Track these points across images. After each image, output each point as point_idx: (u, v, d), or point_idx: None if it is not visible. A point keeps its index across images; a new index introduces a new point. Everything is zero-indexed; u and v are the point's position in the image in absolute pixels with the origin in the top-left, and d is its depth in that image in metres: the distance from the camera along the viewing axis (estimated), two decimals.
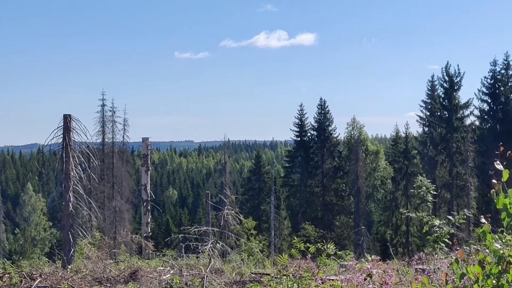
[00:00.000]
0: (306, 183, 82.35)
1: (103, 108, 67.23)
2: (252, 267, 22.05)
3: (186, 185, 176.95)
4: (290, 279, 11.14)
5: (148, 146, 42.02)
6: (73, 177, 24.58)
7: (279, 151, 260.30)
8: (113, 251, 27.66)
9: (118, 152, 67.98)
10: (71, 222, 24.72)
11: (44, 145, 24.45)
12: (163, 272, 17.32)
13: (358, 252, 52.59)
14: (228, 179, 66.32)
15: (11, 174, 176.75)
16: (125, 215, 65.09)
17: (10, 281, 16.81)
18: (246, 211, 74.68)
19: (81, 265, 19.12)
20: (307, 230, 66.45)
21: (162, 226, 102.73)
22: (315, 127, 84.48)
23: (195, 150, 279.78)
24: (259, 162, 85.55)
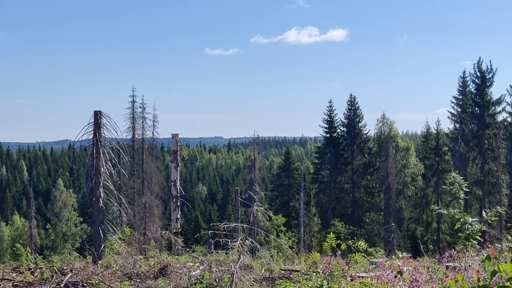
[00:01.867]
0: (335, 179, 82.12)
1: (133, 105, 67.54)
2: (281, 263, 22.00)
3: (215, 181, 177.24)
4: (320, 276, 11.07)
5: (178, 142, 42.11)
6: (103, 173, 24.69)
7: (309, 148, 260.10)
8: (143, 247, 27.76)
9: (148, 148, 68.19)
10: (102, 218, 24.84)
11: (75, 141, 24.57)
12: (193, 268, 17.32)
13: (388, 249, 52.38)
14: (258, 176, 66.32)
15: (42, 170, 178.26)
16: (154, 211, 65.29)
17: (42, 276, 16.92)
18: (276, 207, 74.66)
19: (111, 261, 19.20)
20: (336, 227, 66.21)
21: (192, 222, 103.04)
22: (345, 124, 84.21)
23: (225, 146, 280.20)
24: (288, 158, 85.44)
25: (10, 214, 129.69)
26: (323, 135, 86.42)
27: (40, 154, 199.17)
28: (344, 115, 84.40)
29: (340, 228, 66.22)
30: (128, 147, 53.91)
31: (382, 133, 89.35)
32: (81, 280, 15.19)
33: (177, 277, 15.61)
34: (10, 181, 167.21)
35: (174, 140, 41.91)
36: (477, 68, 75.28)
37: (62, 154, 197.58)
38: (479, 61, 75.40)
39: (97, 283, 14.39)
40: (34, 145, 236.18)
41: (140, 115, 67.58)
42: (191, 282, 14.20)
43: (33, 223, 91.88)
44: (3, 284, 15.97)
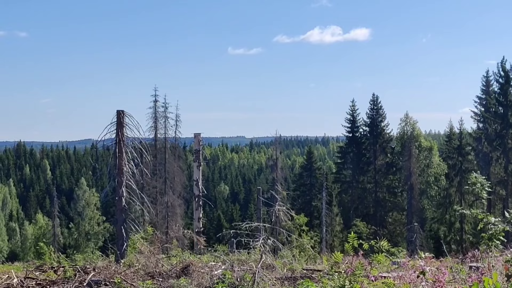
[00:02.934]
0: (358, 179, 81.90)
1: (155, 104, 67.70)
2: (303, 263, 21.98)
3: (237, 180, 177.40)
4: (342, 276, 11.04)
5: (200, 141, 42.17)
6: (126, 172, 24.78)
7: (331, 147, 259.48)
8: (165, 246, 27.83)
9: (170, 148, 68.36)
10: (124, 217, 24.93)
11: (97, 140, 24.67)
12: (215, 267, 17.34)
13: (410, 249, 52.19)
14: (280, 175, 66.28)
15: (65, 169, 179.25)
16: (177, 210, 65.45)
17: (65, 275, 17.01)
18: (298, 207, 74.57)
19: (133, 260, 19.26)
20: (359, 226, 66.03)
21: (214, 221, 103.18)
22: (367, 123, 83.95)
23: (247, 145, 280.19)
24: (310, 158, 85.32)
25: (34, 213, 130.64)
26: (345, 135, 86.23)
27: (63, 154, 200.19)
28: (367, 115, 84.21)
29: (362, 228, 66.03)
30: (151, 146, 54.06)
31: (405, 132, 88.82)
32: (103, 279, 15.26)
33: (199, 276, 15.64)
34: (34, 180, 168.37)
35: (196, 139, 41.98)
36: (501, 67, 74.74)
37: (85, 154, 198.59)
38: (503, 60, 74.89)
39: (120, 282, 14.44)
40: (57, 145, 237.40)
41: (163, 115, 67.80)
42: (213, 282, 14.22)
43: (56, 222, 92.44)
44: (26, 283, 16.08)
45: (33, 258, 75.66)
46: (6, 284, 15.75)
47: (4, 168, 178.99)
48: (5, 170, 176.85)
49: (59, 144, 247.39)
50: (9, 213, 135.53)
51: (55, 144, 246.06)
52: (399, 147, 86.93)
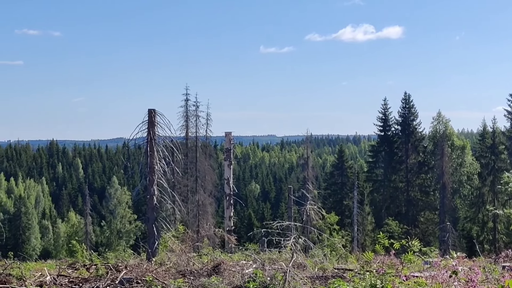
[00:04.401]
0: (389, 178, 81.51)
1: (186, 103, 67.80)
2: (334, 262, 21.90)
3: (268, 179, 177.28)
4: (374, 275, 10.97)
5: (231, 140, 42.20)
6: (157, 170, 24.87)
7: (362, 146, 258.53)
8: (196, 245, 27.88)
9: (201, 146, 68.43)
10: (156, 215, 25.03)
11: (129, 139, 24.80)
12: (246, 266, 17.34)
13: (443, 249, 51.79)
14: (311, 174, 66.08)
15: (97, 167, 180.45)
16: (208, 208, 65.53)
17: (97, 272, 17.12)
18: (329, 206, 74.43)
19: (165, 258, 19.31)
20: (390, 225, 65.70)
21: (245, 220, 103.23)
22: (399, 122, 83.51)
23: (278, 144, 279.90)
24: (342, 156, 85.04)
25: (66, 211, 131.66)
26: (377, 133, 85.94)
27: (95, 152, 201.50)
28: (399, 113, 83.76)
29: (394, 227, 65.70)
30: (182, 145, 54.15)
31: (437, 131, 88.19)
32: (135, 277, 15.32)
33: (230, 274, 15.64)
34: (66, 179, 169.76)
35: (228, 138, 42.03)
36: None
37: (116, 152, 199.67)
38: None
39: (151, 280, 14.49)
40: (90, 143, 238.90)
41: (194, 113, 67.86)
42: (244, 280, 14.21)
43: (89, 220, 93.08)
44: (59, 280, 16.19)
45: (65, 256, 76.30)
46: (39, 281, 15.88)
47: (37, 167, 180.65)
48: (38, 169, 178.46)
49: (91, 142, 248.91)
50: (42, 211, 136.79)
51: (87, 142, 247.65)
52: (431, 146, 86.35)
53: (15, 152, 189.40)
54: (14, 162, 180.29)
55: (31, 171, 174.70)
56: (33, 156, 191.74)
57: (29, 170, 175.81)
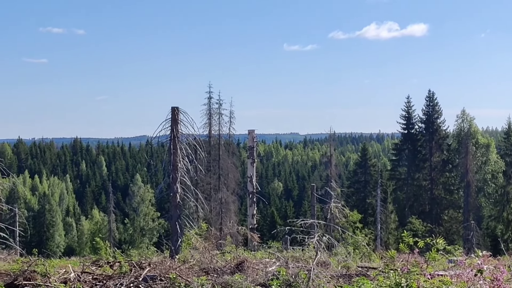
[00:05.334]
0: (413, 176, 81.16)
1: (209, 101, 67.90)
2: (358, 260, 21.82)
3: (291, 177, 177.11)
4: (398, 274, 10.89)
5: (254, 138, 42.18)
6: (180, 168, 24.89)
7: (386, 144, 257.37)
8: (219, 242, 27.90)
9: (224, 144, 68.49)
10: (179, 213, 25.05)
11: (152, 137, 24.86)
12: (269, 263, 17.30)
13: (467, 247, 51.51)
14: (334, 172, 65.94)
15: (121, 165, 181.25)
16: (231, 206, 65.58)
17: (120, 270, 17.16)
18: (352, 204, 74.21)
19: (188, 255, 19.32)
20: (414, 224, 65.42)
21: (267, 218, 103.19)
22: (423, 120, 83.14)
23: (301, 142, 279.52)
24: (365, 154, 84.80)
25: (90, 209, 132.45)
26: (400, 131, 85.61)
27: (119, 150, 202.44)
28: (423, 111, 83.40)
29: (417, 225, 65.43)
30: (205, 143, 54.26)
31: (461, 129, 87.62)
32: (159, 274, 15.34)
33: (253, 272, 15.62)
34: (90, 176, 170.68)
35: (251, 136, 42.01)
36: None
37: (140, 150, 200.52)
38: None
39: (175, 277, 14.50)
40: (113, 141, 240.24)
41: (217, 111, 67.94)
42: (267, 278, 14.19)
43: (112, 218, 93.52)
44: (83, 277, 16.25)
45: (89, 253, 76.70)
46: (63, 278, 15.94)
47: (61, 164, 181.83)
48: (62, 166, 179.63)
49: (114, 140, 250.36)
50: (66, 209, 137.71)
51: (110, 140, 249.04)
52: (455, 144, 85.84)
53: (39, 150, 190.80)
54: (38, 160, 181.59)
55: (55, 169, 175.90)
56: (57, 153, 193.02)
57: (53, 168, 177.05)
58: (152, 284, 14.65)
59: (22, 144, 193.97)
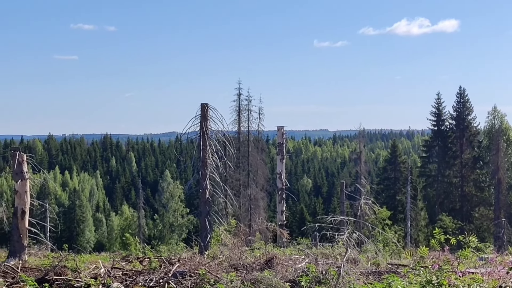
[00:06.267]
0: (443, 173, 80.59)
1: (239, 97, 67.89)
2: (387, 257, 21.71)
3: (320, 174, 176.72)
4: (429, 271, 10.81)
5: (283, 134, 42.18)
6: (210, 164, 24.94)
7: (416, 141, 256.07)
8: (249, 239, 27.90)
9: (253, 141, 68.45)
10: (208, 209, 25.10)
11: (182, 133, 24.91)
12: (298, 260, 17.27)
13: (498, 245, 51.00)
14: (363, 169, 65.71)
15: (150, 161, 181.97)
16: (260, 203, 65.57)
17: (150, 265, 17.24)
18: (381, 201, 73.87)
19: (217, 252, 19.35)
20: (444, 221, 64.95)
21: (297, 215, 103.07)
22: (453, 116, 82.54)
23: (330, 139, 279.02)
24: (395, 151, 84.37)
25: (120, 205, 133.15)
26: (431, 128, 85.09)
27: (148, 146, 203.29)
28: (453, 108, 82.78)
29: (447, 223, 64.95)
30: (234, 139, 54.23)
31: (492, 126, 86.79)
32: (188, 270, 15.36)
33: (283, 269, 15.60)
34: (120, 172, 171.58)
35: (280, 132, 42.01)
36: None
37: (169, 146, 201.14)
38: None
39: (204, 273, 14.51)
40: (143, 137, 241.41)
41: (246, 108, 67.92)
42: (297, 275, 14.15)
43: (142, 214, 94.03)
44: (113, 273, 16.33)
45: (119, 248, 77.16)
46: (93, 273, 16.03)
47: (91, 160, 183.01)
48: (92, 162, 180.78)
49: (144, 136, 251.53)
50: (96, 204, 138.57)
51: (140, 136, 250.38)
52: (486, 141, 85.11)
53: (69, 146, 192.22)
54: (69, 156, 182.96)
55: (85, 165, 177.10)
56: (87, 150, 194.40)
57: (84, 164, 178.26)
58: (181, 280, 14.68)
59: (52, 140, 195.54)
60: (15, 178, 22.35)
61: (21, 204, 22.20)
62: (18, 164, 21.91)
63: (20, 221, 22.09)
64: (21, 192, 22.23)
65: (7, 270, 16.82)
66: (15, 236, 22.01)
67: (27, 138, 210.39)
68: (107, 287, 14.49)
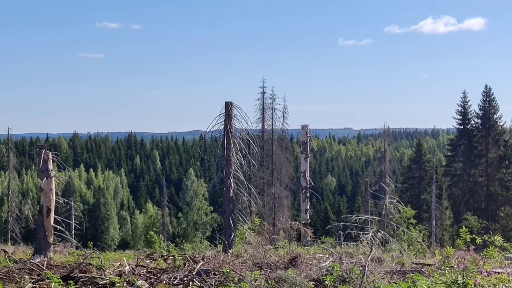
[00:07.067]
0: (469, 172, 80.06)
1: (263, 96, 67.89)
2: (412, 257, 21.61)
3: (344, 172, 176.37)
4: (454, 271, 10.73)
5: (308, 133, 42.11)
6: (234, 163, 24.95)
7: (441, 139, 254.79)
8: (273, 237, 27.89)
9: (277, 139, 68.40)
10: (232, 207, 25.11)
11: (206, 131, 24.95)
12: (323, 259, 17.24)
13: None
14: (388, 168, 65.46)
15: (174, 159, 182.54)
16: (284, 201, 65.53)
17: (174, 263, 17.27)
18: (406, 200, 73.52)
19: (241, 250, 19.36)
20: (469, 221, 64.53)
21: (321, 214, 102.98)
22: (479, 115, 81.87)
23: (354, 137, 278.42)
24: (420, 150, 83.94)
25: (144, 203, 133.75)
26: (456, 127, 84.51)
27: (172, 144, 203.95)
28: (479, 106, 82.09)
29: (473, 222, 64.52)
30: (258, 137, 54.31)
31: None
32: (212, 268, 15.38)
33: (307, 268, 15.57)
34: (144, 170, 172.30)
35: (304, 131, 41.95)
36: None
37: (193, 144, 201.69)
38: None
39: (228, 271, 14.52)
40: (167, 136, 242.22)
41: (270, 106, 67.89)
42: (321, 273, 14.12)
43: (166, 212, 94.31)
44: (138, 270, 16.39)
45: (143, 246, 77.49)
46: (118, 271, 16.10)
47: (116, 159, 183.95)
48: (116, 160, 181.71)
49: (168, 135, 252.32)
50: (120, 202, 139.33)
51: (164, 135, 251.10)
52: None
53: (94, 144, 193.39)
54: (93, 154, 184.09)
55: (110, 163, 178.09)
56: (112, 148, 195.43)
57: (108, 162, 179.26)
58: (205, 278, 14.70)
59: (77, 138, 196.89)
60: (41, 176, 22.48)
61: (47, 202, 22.34)
62: (44, 162, 22.04)
63: (45, 219, 22.22)
64: (46, 190, 22.36)
65: (32, 267, 16.94)
66: (40, 234, 22.14)
67: (52, 136, 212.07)
68: (131, 285, 14.55)
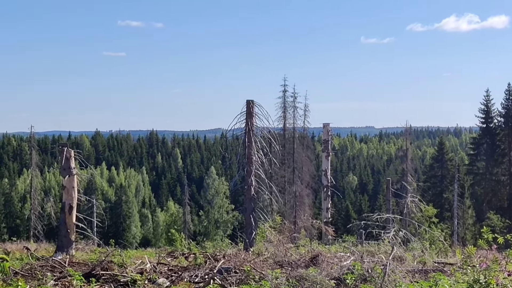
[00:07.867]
0: (491, 171, 79.53)
1: (284, 94, 67.79)
2: (434, 256, 21.50)
3: (366, 171, 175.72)
4: (476, 270, 10.67)
5: (329, 131, 42.04)
6: (255, 161, 24.95)
7: (463, 138, 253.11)
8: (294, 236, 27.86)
9: (298, 138, 68.29)
10: (253, 206, 25.11)
11: (227, 130, 24.97)
12: (344, 258, 17.19)
13: None
14: (410, 166, 65.17)
15: (196, 158, 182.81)
16: (305, 200, 65.43)
17: (195, 261, 17.31)
18: (428, 198, 73.16)
19: (262, 248, 19.37)
20: (492, 220, 64.11)
21: (342, 212, 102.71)
22: (502, 114, 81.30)
23: (376, 136, 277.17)
24: (442, 149, 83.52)
25: (165, 200, 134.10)
26: (478, 125, 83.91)
27: (194, 143, 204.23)
28: (502, 105, 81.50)
29: (495, 221, 64.10)
30: (279, 136, 54.24)
31: None
32: (233, 267, 15.39)
33: (328, 266, 15.53)
34: (165, 169, 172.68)
35: (325, 129, 41.88)
36: None
37: (215, 143, 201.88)
38: None
39: (249, 270, 14.52)
40: (188, 134, 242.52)
41: (291, 104, 67.79)
42: (342, 272, 14.08)
43: (187, 210, 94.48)
44: (159, 268, 16.44)
45: (164, 244, 77.63)
46: (139, 269, 16.16)
47: (137, 157, 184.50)
48: (138, 158, 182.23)
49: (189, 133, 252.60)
50: (142, 200, 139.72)
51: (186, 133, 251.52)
52: None
53: (116, 142, 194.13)
54: (115, 152, 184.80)
55: (132, 161, 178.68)
56: (133, 146, 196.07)
57: (130, 160, 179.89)
58: (226, 276, 14.71)
59: (99, 136, 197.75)
60: (63, 174, 22.62)
61: (69, 200, 22.46)
62: (66, 160, 22.17)
63: (67, 216, 22.35)
64: (68, 188, 22.48)
65: (55, 265, 17.04)
66: (62, 231, 22.27)
67: (74, 134, 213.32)
68: (153, 282, 14.59)
